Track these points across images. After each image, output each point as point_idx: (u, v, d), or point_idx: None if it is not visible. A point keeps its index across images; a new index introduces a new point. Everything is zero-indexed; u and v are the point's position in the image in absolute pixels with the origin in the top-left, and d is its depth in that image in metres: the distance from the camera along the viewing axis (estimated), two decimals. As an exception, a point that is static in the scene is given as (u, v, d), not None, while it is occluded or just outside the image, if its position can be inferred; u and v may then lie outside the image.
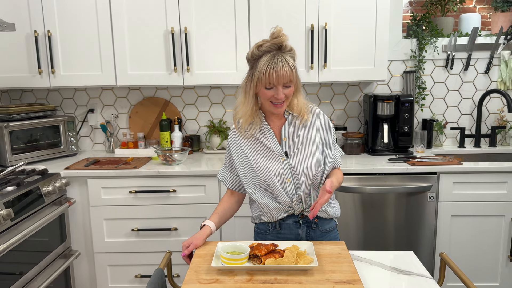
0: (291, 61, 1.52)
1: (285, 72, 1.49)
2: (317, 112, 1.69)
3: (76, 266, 2.62)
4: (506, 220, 2.53)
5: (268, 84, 1.51)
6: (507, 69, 2.97)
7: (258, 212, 1.70)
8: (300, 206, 1.63)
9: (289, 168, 1.61)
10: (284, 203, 1.62)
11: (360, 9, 2.62)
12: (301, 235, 1.67)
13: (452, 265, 1.46)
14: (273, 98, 1.54)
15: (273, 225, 1.68)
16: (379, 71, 2.68)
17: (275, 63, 1.49)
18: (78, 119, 3.15)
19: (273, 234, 1.69)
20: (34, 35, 2.68)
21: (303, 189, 1.61)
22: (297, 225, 1.66)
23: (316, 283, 1.29)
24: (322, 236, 1.69)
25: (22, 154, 2.68)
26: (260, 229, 1.73)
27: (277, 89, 1.52)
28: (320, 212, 1.65)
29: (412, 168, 2.47)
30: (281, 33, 1.51)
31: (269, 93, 1.53)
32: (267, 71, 1.49)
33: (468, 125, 3.09)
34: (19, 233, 2.01)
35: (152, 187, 2.52)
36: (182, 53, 2.67)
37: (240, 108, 1.63)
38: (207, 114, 3.13)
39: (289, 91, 1.55)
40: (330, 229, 1.71)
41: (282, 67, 1.49)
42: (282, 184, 1.61)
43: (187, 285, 1.30)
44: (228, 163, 1.74)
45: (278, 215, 1.64)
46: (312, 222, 1.66)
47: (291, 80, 1.52)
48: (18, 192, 2.09)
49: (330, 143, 1.69)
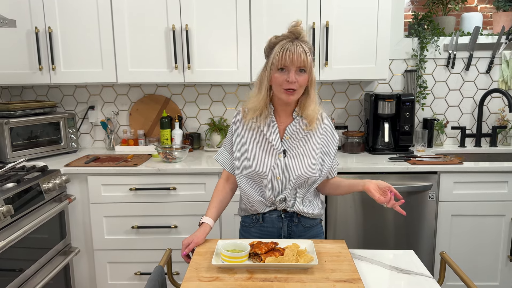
0: (306, 48, 1.52)
1: (299, 54, 1.49)
2: (325, 120, 1.69)
3: (76, 263, 2.62)
4: (506, 220, 2.53)
5: (281, 64, 1.51)
6: (509, 69, 2.97)
7: (243, 203, 1.72)
8: (282, 205, 1.65)
9: (282, 167, 1.62)
10: (268, 199, 1.64)
11: (361, 8, 2.61)
12: (283, 229, 1.69)
13: (453, 265, 1.46)
14: (285, 83, 1.52)
15: (256, 218, 1.70)
16: (380, 70, 2.68)
17: (290, 45, 1.50)
18: (78, 116, 3.15)
19: (257, 227, 1.71)
20: (35, 31, 2.67)
21: (289, 189, 1.62)
22: (279, 219, 1.68)
23: (316, 281, 1.29)
24: (305, 231, 1.71)
25: (22, 150, 2.68)
26: (244, 222, 1.76)
27: (289, 71, 1.51)
28: (304, 213, 1.67)
29: (412, 167, 2.47)
30: (300, 24, 1.53)
31: (281, 77, 1.52)
32: (281, 52, 1.50)
33: (469, 124, 3.08)
34: (19, 230, 2.01)
35: (152, 185, 2.52)
36: (183, 51, 2.67)
37: (251, 100, 1.63)
38: (207, 112, 3.12)
39: (302, 79, 1.53)
40: (313, 224, 1.72)
41: (297, 49, 1.49)
42: (272, 180, 1.62)
43: (187, 283, 1.30)
44: (228, 145, 1.73)
45: (260, 208, 1.66)
46: (295, 217, 1.68)
47: (305, 65, 1.51)
48: (18, 189, 2.09)
49: (331, 152, 1.69)
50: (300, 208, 1.65)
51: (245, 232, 1.75)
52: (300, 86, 1.54)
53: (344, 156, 2.76)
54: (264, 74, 1.58)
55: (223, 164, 1.75)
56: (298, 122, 1.64)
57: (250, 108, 1.63)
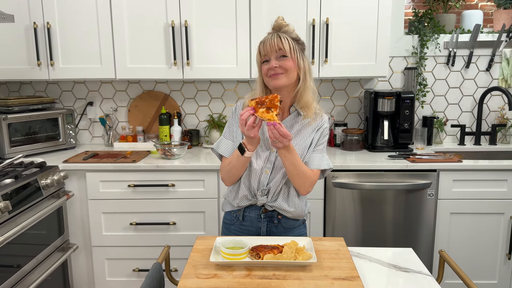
0: (285, 36, 1.55)
1: (274, 41, 1.54)
2: (324, 118, 1.67)
3: (74, 260, 2.62)
4: (505, 218, 2.52)
5: (262, 56, 1.58)
6: (509, 67, 2.96)
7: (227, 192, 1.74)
8: (263, 199, 1.65)
9: (273, 161, 1.63)
10: (252, 190, 1.65)
11: (362, 5, 2.60)
12: (262, 229, 1.69)
13: (451, 263, 1.46)
14: (270, 71, 1.56)
15: (237, 216, 1.71)
16: (380, 67, 2.67)
17: (268, 38, 1.57)
18: (77, 112, 3.14)
19: (237, 225, 1.72)
20: (33, 27, 2.66)
21: (275, 184, 1.63)
22: (259, 218, 1.68)
23: (314, 279, 1.29)
24: (285, 232, 1.70)
25: (21, 146, 2.67)
26: (226, 218, 1.78)
27: (270, 60, 1.56)
28: (283, 211, 1.66)
29: (412, 165, 2.47)
30: (281, 19, 1.58)
31: (265, 67, 1.58)
32: (260, 46, 1.59)
33: (468, 122, 3.08)
34: (17, 226, 2.00)
35: (151, 181, 2.51)
36: (182, 47, 2.66)
37: (252, 93, 1.68)
38: (206, 109, 3.11)
39: (284, 63, 1.55)
40: (294, 225, 1.72)
41: (272, 37, 1.55)
42: (260, 173, 1.63)
43: (185, 280, 1.29)
44: (229, 134, 1.71)
45: (241, 202, 1.67)
46: (275, 217, 1.68)
47: (282, 49, 1.53)
48: (16, 185, 2.08)
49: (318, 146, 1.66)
50: (281, 205, 1.64)
51: (225, 229, 1.77)
52: (285, 70, 1.55)
53: (343, 154, 2.75)
54: (258, 71, 1.65)
55: (224, 152, 1.68)
56: (294, 117, 1.65)
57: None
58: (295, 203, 1.67)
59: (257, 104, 1.45)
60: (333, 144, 2.99)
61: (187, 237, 2.55)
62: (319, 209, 2.52)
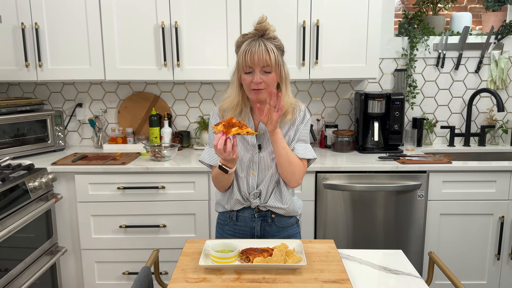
0: (271, 46, 1.52)
1: (261, 54, 1.49)
2: (302, 109, 1.66)
3: (63, 263, 2.59)
4: (494, 219, 2.54)
5: (246, 67, 1.53)
6: (497, 69, 2.98)
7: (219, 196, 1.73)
8: (257, 201, 1.65)
9: (258, 162, 1.63)
10: (243, 194, 1.64)
11: (352, 7, 2.61)
12: (256, 229, 1.69)
13: (441, 265, 1.47)
14: (253, 84, 1.54)
15: (230, 217, 1.71)
16: (370, 69, 2.68)
17: (252, 46, 1.51)
18: (66, 114, 3.11)
19: (230, 226, 1.72)
20: (21, 27, 2.62)
21: (265, 185, 1.63)
22: (253, 218, 1.68)
23: (304, 282, 1.28)
24: (279, 231, 1.70)
25: (8, 148, 2.63)
26: (220, 219, 1.77)
27: (255, 73, 1.52)
28: (277, 209, 1.66)
29: (402, 166, 2.48)
30: (265, 20, 1.53)
31: (248, 78, 1.54)
32: (244, 53, 1.51)
33: (458, 124, 3.10)
34: (4, 229, 1.98)
35: (141, 184, 2.49)
36: (172, 48, 2.64)
37: (226, 100, 1.65)
38: (197, 110, 3.10)
39: (269, 79, 1.54)
40: (288, 224, 1.72)
41: (259, 49, 1.50)
42: (247, 176, 1.64)
43: (174, 284, 1.28)
44: (212, 142, 1.68)
45: (234, 206, 1.67)
46: (268, 216, 1.68)
47: (269, 65, 1.51)
48: (3, 188, 2.05)
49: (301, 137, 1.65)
50: (274, 203, 1.65)
51: (219, 229, 1.76)
52: (267, 85, 1.55)
53: (333, 155, 2.76)
54: (234, 74, 1.60)
55: (211, 161, 1.68)
56: None
57: (226, 108, 1.64)
58: (288, 199, 1.67)
59: (225, 127, 1.45)
60: (324, 145, 2.99)
61: (177, 240, 2.53)
62: (310, 211, 2.52)
